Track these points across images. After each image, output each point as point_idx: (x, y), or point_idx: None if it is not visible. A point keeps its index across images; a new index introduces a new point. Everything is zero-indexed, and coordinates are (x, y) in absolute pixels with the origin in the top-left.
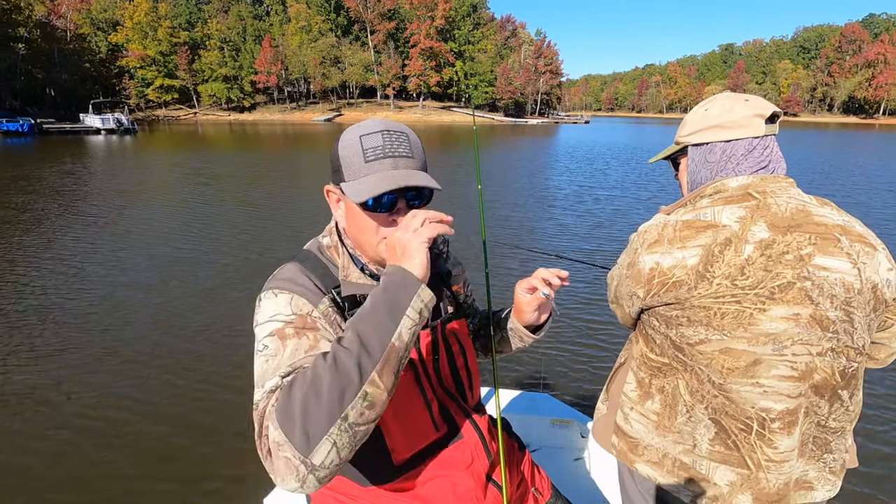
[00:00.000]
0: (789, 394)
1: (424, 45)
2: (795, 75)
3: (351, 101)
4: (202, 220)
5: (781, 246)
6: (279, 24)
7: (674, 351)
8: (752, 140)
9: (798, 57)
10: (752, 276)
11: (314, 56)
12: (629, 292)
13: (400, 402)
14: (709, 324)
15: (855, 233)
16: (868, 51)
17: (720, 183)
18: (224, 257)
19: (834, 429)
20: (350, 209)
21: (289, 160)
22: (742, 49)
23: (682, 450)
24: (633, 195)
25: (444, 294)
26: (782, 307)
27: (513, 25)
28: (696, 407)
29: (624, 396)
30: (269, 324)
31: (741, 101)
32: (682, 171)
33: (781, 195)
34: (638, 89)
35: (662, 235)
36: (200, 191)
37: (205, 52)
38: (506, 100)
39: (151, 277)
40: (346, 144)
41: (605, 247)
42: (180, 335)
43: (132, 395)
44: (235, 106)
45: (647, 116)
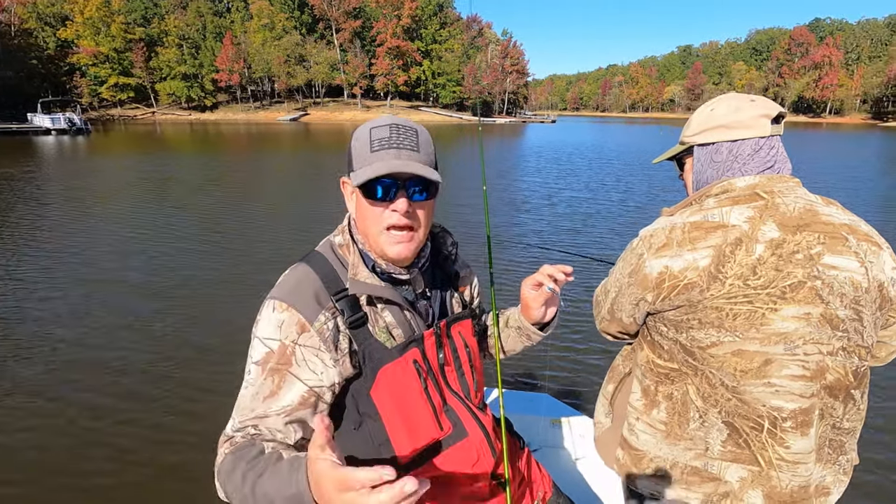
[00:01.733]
0: (801, 393)
1: (391, 44)
2: (749, 76)
3: (317, 100)
4: (148, 231)
5: (792, 245)
6: (241, 21)
7: (683, 355)
8: (759, 140)
9: (751, 59)
10: (763, 276)
11: (278, 54)
12: (634, 299)
13: (405, 401)
14: (721, 325)
15: (861, 231)
16: (815, 53)
17: (727, 183)
18: (164, 279)
19: (847, 429)
20: (358, 200)
21: (253, 162)
22: (699, 50)
23: (694, 455)
24: (611, 195)
25: (451, 294)
26: (794, 306)
27: (479, 25)
28: (710, 411)
29: (629, 407)
30: (260, 347)
31: (747, 101)
32: (687, 171)
33: (789, 195)
34: (602, 89)
35: (671, 238)
36: (151, 198)
37: (162, 50)
38: (474, 99)
39: (71, 304)
40: (358, 136)
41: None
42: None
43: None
44: (196, 105)
45: (612, 115)
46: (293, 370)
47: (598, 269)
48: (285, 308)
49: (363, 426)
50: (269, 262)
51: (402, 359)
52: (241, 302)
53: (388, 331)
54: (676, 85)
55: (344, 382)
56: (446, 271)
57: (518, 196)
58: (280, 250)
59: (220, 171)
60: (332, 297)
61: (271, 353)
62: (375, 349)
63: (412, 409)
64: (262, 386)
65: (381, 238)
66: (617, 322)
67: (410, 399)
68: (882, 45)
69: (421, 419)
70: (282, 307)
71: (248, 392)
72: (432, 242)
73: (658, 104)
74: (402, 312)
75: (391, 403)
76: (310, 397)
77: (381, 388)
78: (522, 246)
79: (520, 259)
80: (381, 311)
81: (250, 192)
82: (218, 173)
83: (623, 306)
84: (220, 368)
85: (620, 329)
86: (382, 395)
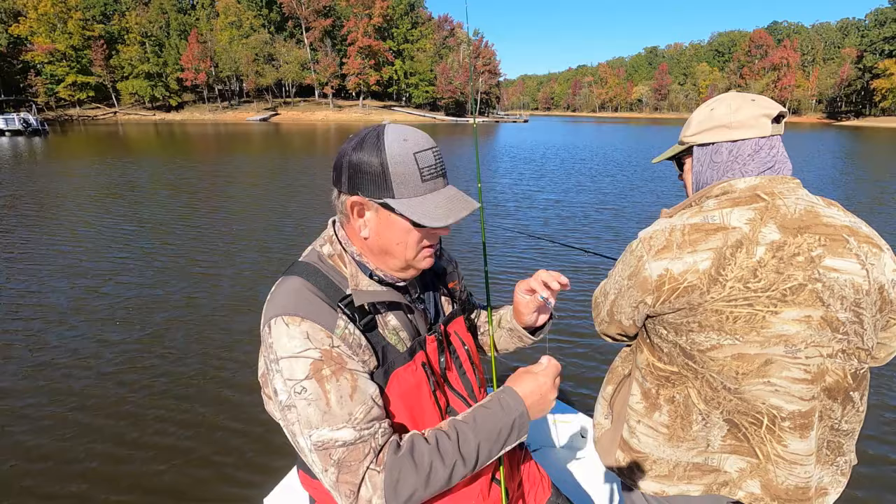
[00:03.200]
0: (802, 396)
1: (362, 44)
2: (712, 77)
3: (287, 99)
4: (97, 243)
5: (792, 248)
6: (206, 18)
7: (683, 359)
8: (759, 140)
9: (714, 60)
10: (764, 279)
11: (246, 53)
12: (634, 302)
13: (414, 404)
14: (720, 328)
15: (862, 234)
16: (773, 55)
17: (727, 184)
18: (104, 304)
19: (846, 431)
20: (390, 224)
21: (223, 164)
22: (665, 52)
23: (696, 453)
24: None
25: (441, 292)
26: (794, 309)
27: (450, 25)
28: (713, 413)
29: (629, 409)
30: (298, 361)
31: (748, 100)
32: (686, 172)
33: (790, 196)
34: (572, 89)
35: (671, 240)
36: (106, 205)
37: (123, 47)
38: (446, 99)
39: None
40: (399, 160)
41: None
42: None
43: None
44: (161, 105)
45: (582, 115)
46: (350, 366)
47: (591, 266)
48: (300, 320)
49: None
50: (231, 284)
51: (413, 362)
52: (194, 330)
53: (396, 333)
54: (644, 85)
55: None
56: (433, 268)
57: (507, 195)
58: (239, 267)
59: (185, 174)
60: (339, 303)
61: (319, 362)
62: (389, 351)
63: (420, 413)
64: (338, 389)
65: (417, 257)
66: (616, 324)
67: (419, 402)
68: (835, 47)
69: (427, 422)
70: (296, 321)
71: (320, 405)
72: None
73: (627, 104)
74: (405, 315)
75: (401, 407)
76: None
77: (392, 390)
78: (513, 234)
79: (510, 252)
80: (386, 316)
81: (217, 199)
82: (180, 177)
83: (622, 309)
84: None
85: (620, 331)
86: (393, 399)
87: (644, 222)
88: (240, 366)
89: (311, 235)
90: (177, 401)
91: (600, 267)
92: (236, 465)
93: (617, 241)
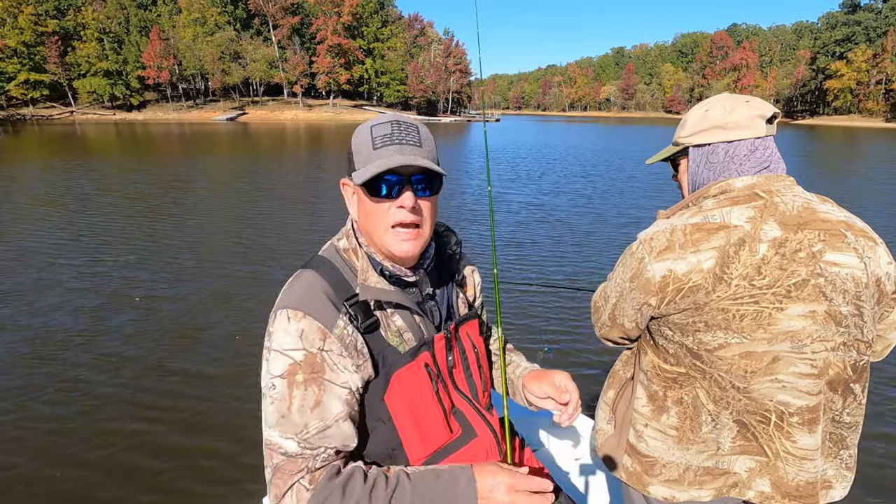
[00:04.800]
0: (809, 391)
1: (332, 42)
2: (676, 77)
3: (256, 99)
4: (24, 261)
5: (794, 244)
6: (168, 14)
7: (691, 359)
8: (755, 140)
9: (678, 60)
10: (768, 276)
11: (211, 51)
12: (637, 304)
13: (417, 405)
14: (727, 327)
15: (857, 228)
16: (733, 56)
17: (725, 183)
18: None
19: (848, 424)
20: (361, 199)
21: (184, 167)
22: (631, 52)
23: (706, 456)
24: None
25: (457, 294)
26: (799, 305)
27: (420, 24)
28: (722, 414)
29: (635, 413)
30: (281, 359)
31: (742, 101)
32: (682, 173)
33: (787, 193)
34: (542, 89)
35: (672, 241)
36: (41, 215)
37: (80, 44)
38: (418, 98)
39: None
40: (358, 135)
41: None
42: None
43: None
44: (121, 104)
45: (552, 114)
46: (329, 377)
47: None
48: (302, 316)
49: (376, 430)
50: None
51: (415, 363)
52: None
53: (399, 335)
54: (612, 85)
55: (363, 389)
56: (451, 271)
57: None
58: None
59: (138, 178)
60: (345, 302)
61: (297, 365)
62: (389, 353)
63: (424, 414)
64: (304, 397)
65: (386, 237)
66: (619, 328)
67: (422, 403)
68: (790, 49)
69: (432, 423)
70: (297, 315)
71: (281, 407)
72: (436, 242)
73: (595, 103)
74: (411, 316)
75: (404, 408)
76: (351, 400)
77: (394, 392)
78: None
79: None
80: (392, 316)
81: (170, 208)
82: (131, 182)
83: (625, 311)
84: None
85: (622, 335)
86: (395, 401)
87: (628, 226)
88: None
89: (290, 252)
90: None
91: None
92: (235, 466)
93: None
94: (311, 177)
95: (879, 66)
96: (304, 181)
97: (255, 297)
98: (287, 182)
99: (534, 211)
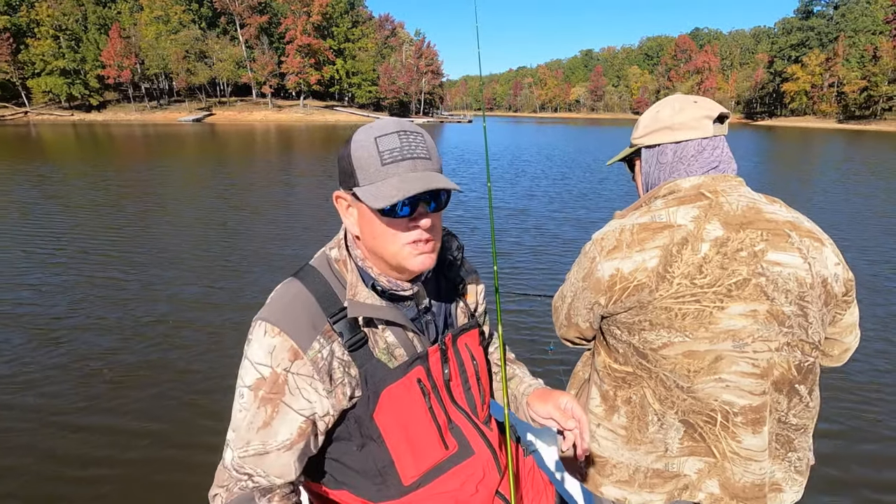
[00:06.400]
0: (752, 391)
1: (302, 42)
2: (643, 79)
3: (223, 99)
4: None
5: (735, 243)
6: (129, 12)
7: (637, 358)
8: (702, 141)
9: (644, 63)
10: (709, 274)
11: (175, 49)
12: (589, 304)
13: (409, 423)
14: (670, 326)
15: (804, 228)
16: (696, 59)
17: (673, 184)
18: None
19: (795, 425)
20: (364, 215)
21: (144, 171)
22: (599, 55)
23: (655, 457)
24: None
25: (456, 304)
26: (740, 304)
27: (391, 25)
28: (667, 413)
29: (590, 413)
30: (252, 371)
31: (690, 102)
32: (637, 173)
33: (732, 193)
34: (513, 90)
35: (620, 240)
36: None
37: (34, 42)
38: (390, 99)
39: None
40: (360, 146)
41: None
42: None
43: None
44: (80, 104)
45: (523, 115)
46: (286, 399)
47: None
48: (277, 333)
49: (366, 448)
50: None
51: (406, 378)
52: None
53: (389, 351)
54: (581, 87)
55: (336, 414)
56: (451, 278)
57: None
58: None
59: (87, 183)
60: (329, 318)
61: (262, 380)
62: (377, 370)
63: (417, 431)
64: (255, 415)
65: (402, 253)
66: (574, 327)
67: (415, 420)
68: (749, 53)
69: (426, 440)
70: (273, 331)
71: (242, 417)
72: None
73: (565, 105)
74: (403, 332)
75: (395, 426)
76: (307, 427)
77: (384, 410)
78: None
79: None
80: (382, 332)
81: (119, 224)
82: (75, 189)
83: (579, 311)
84: None
85: (578, 334)
86: (386, 419)
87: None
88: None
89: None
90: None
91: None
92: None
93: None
94: (284, 181)
95: (832, 69)
96: (277, 187)
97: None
98: (257, 186)
99: (516, 214)
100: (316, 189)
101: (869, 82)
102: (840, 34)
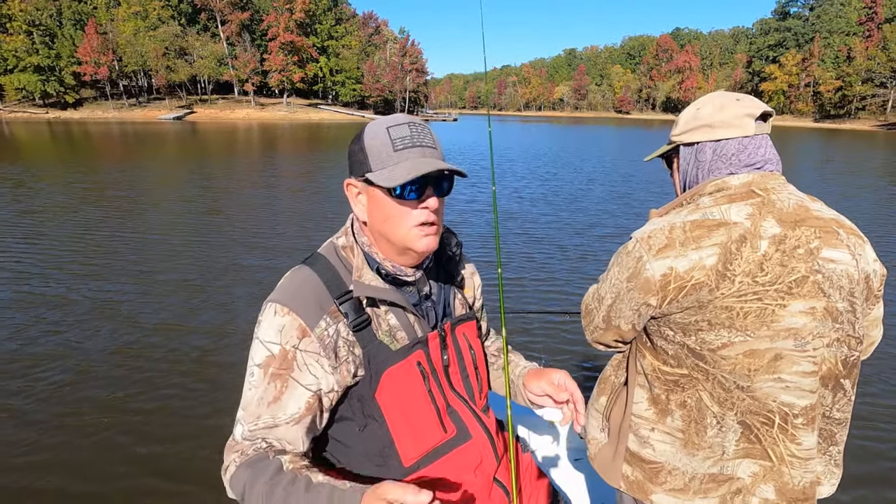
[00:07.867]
0: (811, 389)
1: (284, 39)
2: (625, 78)
3: (204, 97)
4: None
5: (793, 240)
6: (106, 7)
7: (693, 360)
8: (743, 139)
9: (626, 62)
10: (770, 272)
11: (154, 46)
12: (636, 305)
13: (409, 404)
14: (731, 325)
15: (847, 226)
16: (677, 59)
17: (721, 181)
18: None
19: (838, 420)
20: (374, 199)
21: (120, 172)
22: (582, 54)
23: (712, 462)
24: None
25: (454, 295)
26: (800, 301)
27: (375, 22)
28: (727, 416)
29: (637, 418)
30: (262, 350)
31: (732, 100)
32: (675, 170)
33: (782, 191)
34: (498, 89)
35: (672, 238)
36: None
37: (6, 37)
38: (374, 97)
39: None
40: (373, 135)
41: None
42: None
43: None
44: (55, 102)
45: (508, 114)
46: (295, 375)
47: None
48: (286, 312)
49: (368, 428)
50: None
51: (406, 361)
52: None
53: (391, 333)
54: (564, 85)
55: (340, 390)
56: (450, 272)
57: None
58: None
59: (86, 183)
60: (336, 300)
61: (272, 357)
62: (379, 351)
63: (416, 412)
64: (265, 391)
65: (410, 235)
66: (614, 330)
67: (415, 402)
68: (728, 53)
69: (425, 422)
70: (283, 311)
71: (252, 394)
72: None
73: (549, 103)
74: (405, 315)
75: (395, 406)
76: (314, 402)
77: (385, 390)
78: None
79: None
80: (385, 314)
81: (91, 233)
82: (41, 192)
83: (622, 313)
84: None
85: (617, 337)
86: (387, 398)
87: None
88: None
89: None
90: None
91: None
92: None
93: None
94: (268, 183)
95: (808, 69)
96: (263, 185)
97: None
98: (244, 184)
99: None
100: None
101: (843, 82)
102: (816, 35)
